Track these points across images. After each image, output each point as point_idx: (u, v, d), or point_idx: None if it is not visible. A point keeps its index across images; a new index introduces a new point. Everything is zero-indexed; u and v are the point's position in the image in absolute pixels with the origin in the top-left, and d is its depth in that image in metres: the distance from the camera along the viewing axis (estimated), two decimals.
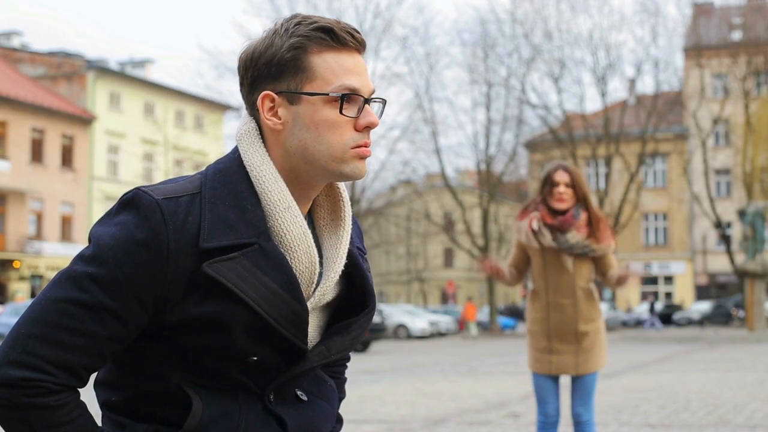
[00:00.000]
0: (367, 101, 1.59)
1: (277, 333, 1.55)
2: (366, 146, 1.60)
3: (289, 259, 1.57)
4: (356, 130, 1.59)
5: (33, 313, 1.49)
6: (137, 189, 1.54)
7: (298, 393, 1.67)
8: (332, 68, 1.57)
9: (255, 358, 1.56)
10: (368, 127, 1.59)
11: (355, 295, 1.70)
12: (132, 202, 1.52)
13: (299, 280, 1.58)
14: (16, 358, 1.45)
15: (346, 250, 1.67)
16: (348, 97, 1.57)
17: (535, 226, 4.85)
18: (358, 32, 1.61)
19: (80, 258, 1.52)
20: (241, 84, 1.64)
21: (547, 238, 4.82)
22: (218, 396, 1.57)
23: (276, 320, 1.54)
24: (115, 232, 1.51)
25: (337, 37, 1.57)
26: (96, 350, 1.49)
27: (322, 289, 1.63)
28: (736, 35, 50.19)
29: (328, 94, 1.56)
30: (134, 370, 1.59)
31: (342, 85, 1.57)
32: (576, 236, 4.82)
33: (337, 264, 1.65)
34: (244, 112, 1.68)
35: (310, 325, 1.63)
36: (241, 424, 1.57)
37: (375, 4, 58.78)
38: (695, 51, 47.70)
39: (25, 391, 1.44)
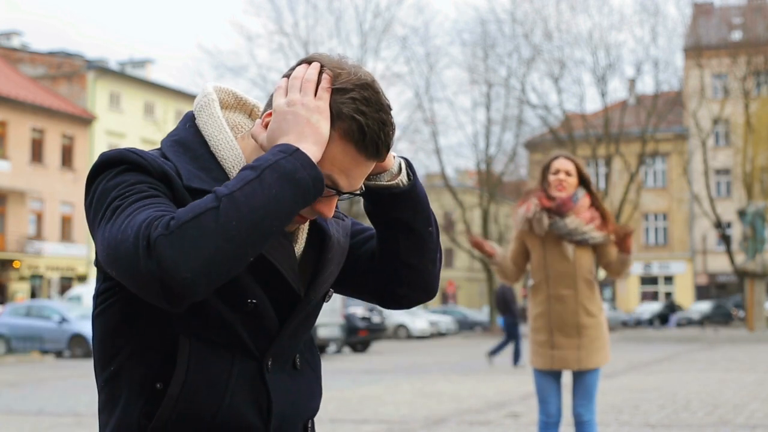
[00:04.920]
0: (339, 193, 1.59)
1: (276, 271, 1.59)
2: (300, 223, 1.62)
3: None
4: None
5: (111, 225, 1.46)
6: (101, 154, 1.56)
7: (297, 361, 1.70)
8: (334, 155, 1.56)
9: (254, 301, 1.58)
10: (317, 212, 1.60)
11: (316, 240, 1.72)
12: (110, 160, 1.54)
13: None
14: (128, 233, 1.42)
15: None
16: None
17: (531, 211, 4.75)
18: (387, 144, 1.59)
19: (104, 189, 1.52)
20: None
21: (544, 223, 4.72)
22: (212, 356, 1.58)
23: (275, 258, 1.58)
24: (117, 177, 1.53)
25: (363, 143, 1.55)
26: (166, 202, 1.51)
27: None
28: (736, 35, 50.18)
29: None
30: (139, 319, 1.58)
31: (329, 175, 1.56)
32: (575, 221, 4.71)
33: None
34: (207, 84, 1.70)
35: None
36: (227, 393, 1.58)
37: (375, 4, 58.84)
38: (695, 51, 47.63)
39: (154, 223, 1.41)
